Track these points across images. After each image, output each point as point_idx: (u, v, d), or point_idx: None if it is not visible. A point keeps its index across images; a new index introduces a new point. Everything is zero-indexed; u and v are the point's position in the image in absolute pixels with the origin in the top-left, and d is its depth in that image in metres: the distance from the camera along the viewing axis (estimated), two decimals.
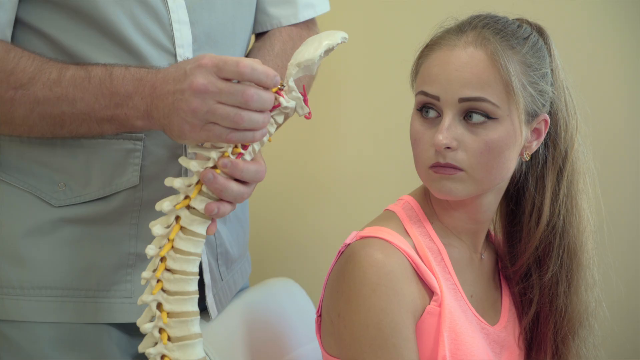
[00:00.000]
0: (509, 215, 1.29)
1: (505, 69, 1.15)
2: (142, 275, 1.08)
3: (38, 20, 1.18)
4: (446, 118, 1.15)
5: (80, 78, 1.13)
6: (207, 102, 1.05)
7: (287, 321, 1.45)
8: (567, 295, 1.26)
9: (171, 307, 1.07)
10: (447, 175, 1.16)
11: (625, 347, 1.63)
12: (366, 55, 1.88)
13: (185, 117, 1.06)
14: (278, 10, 1.39)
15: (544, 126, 1.21)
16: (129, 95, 1.11)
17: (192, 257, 1.08)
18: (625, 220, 1.70)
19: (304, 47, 1.11)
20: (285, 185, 1.98)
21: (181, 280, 1.07)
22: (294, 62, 1.10)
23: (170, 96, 1.08)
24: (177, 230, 1.07)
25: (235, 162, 1.07)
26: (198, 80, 1.05)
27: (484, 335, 1.23)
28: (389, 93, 1.43)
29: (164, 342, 1.07)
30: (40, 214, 1.22)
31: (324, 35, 1.12)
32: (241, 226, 1.44)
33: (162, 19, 1.21)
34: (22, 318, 1.21)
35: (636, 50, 1.69)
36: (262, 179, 1.11)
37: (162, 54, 1.21)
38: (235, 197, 1.09)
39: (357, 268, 1.14)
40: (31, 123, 1.15)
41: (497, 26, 1.19)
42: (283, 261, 1.99)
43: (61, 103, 1.13)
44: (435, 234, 1.22)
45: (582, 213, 1.25)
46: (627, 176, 1.72)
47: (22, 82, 1.13)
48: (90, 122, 1.14)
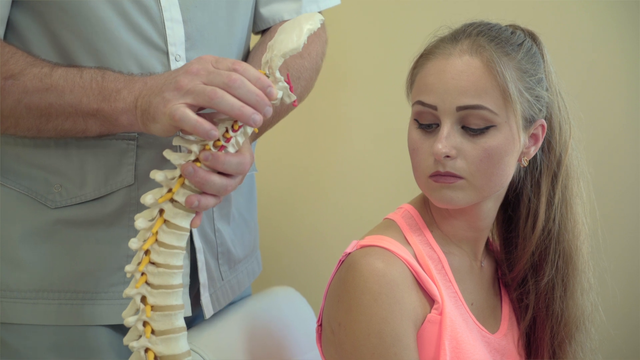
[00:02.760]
0: (505, 222, 1.29)
1: (502, 76, 1.14)
2: (126, 269, 1.08)
3: (29, 18, 1.19)
4: (444, 127, 1.15)
5: (72, 74, 1.14)
6: (193, 81, 1.06)
7: (288, 330, 1.45)
8: (563, 299, 1.25)
9: (155, 301, 1.07)
10: (447, 184, 1.15)
11: (622, 351, 1.61)
12: (369, 58, 1.88)
13: (167, 95, 1.06)
14: (281, 5, 1.39)
15: (541, 131, 1.21)
16: (117, 90, 1.12)
17: (175, 250, 1.08)
18: (620, 223, 1.70)
19: (285, 36, 1.10)
20: (285, 189, 1.98)
21: (165, 273, 1.07)
22: (278, 54, 1.09)
23: (162, 82, 1.09)
24: (160, 224, 1.08)
25: (216, 154, 1.07)
26: (193, 65, 1.07)
27: (485, 344, 1.23)
28: (391, 97, 1.43)
29: (146, 336, 1.07)
30: (37, 216, 1.22)
31: (302, 20, 1.11)
32: (247, 226, 1.44)
33: (154, 17, 1.21)
34: (19, 321, 1.22)
35: (636, 50, 1.68)
36: (245, 172, 1.11)
37: (153, 52, 1.22)
38: (218, 190, 1.09)
39: (358, 277, 1.13)
40: (18, 115, 1.15)
41: (491, 33, 1.18)
42: (283, 267, 1.99)
43: (49, 94, 1.13)
44: (436, 242, 1.22)
45: (577, 217, 1.25)
46: (625, 179, 1.72)
47: (13, 72, 1.14)
48: (76, 117, 1.14)
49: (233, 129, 1.08)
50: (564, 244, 1.25)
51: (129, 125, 1.13)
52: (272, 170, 1.72)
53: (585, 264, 1.26)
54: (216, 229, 1.34)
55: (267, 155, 1.20)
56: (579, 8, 1.71)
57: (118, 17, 1.18)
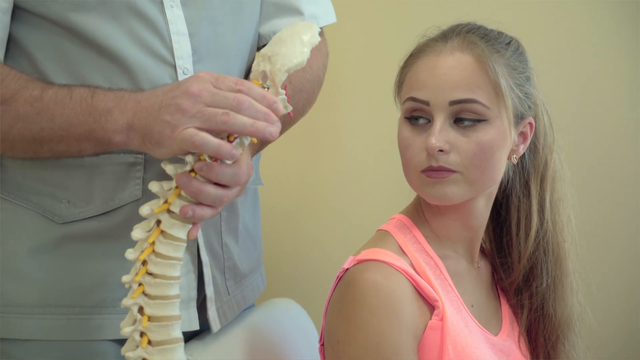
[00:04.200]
0: (497, 227, 1.29)
1: (494, 71, 1.16)
2: (123, 279, 1.08)
3: (35, 37, 1.20)
4: (437, 122, 1.15)
5: (61, 95, 1.13)
6: (197, 105, 1.06)
7: (289, 343, 1.45)
8: (555, 300, 1.26)
9: (152, 311, 1.07)
10: (440, 179, 1.15)
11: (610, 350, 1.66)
12: (366, 67, 1.89)
13: (171, 119, 1.06)
14: (282, 20, 1.39)
15: (530, 130, 1.22)
16: (108, 110, 1.11)
17: (173, 261, 1.09)
18: (621, 224, 1.73)
19: (287, 49, 1.10)
20: (287, 202, 1.98)
21: (162, 284, 1.08)
22: (282, 68, 1.09)
23: (158, 103, 1.08)
24: (157, 234, 1.08)
25: (211, 164, 1.07)
26: (193, 86, 1.07)
27: (489, 346, 1.22)
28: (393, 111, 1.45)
29: (143, 346, 1.07)
30: (44, 231, 1.22)
31: (300, 31, 1.11)
32: (252, 241, 1.44)
33: (160, 31, 1.22)
34: (26, 336, 1.22)
35: (637, 51, 1.68)
36: (241, 182, 1.11)
37: (161, 66, 1.22)
38: (213, 200, 1.09)
39: (357, 292, 1.13)
40: (12, 140, 1.15)
41: (480, 32, 1.20)
42: (284, 279, 1.98)
43: (40, 119, 1.12)
44: (431, 248, 1.21)
45: (565, 220, 1.26)
46: (626, 180, 1.73)
47: (5, 97, 1.13)
48: (69, 140, 1.13)
49: (228, 140, 1.08)
50: (555, 247, 1.26)
51: (123, 144, 1.12)
52: (273, 183, 1.74)
53: (573, 265, 1.28)
54: (224, 243, 1.34)
55: (269, 169, 1.21)
56: (579, 9, 1.72)
57: (124, 34, 1.19)
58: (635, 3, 1.66)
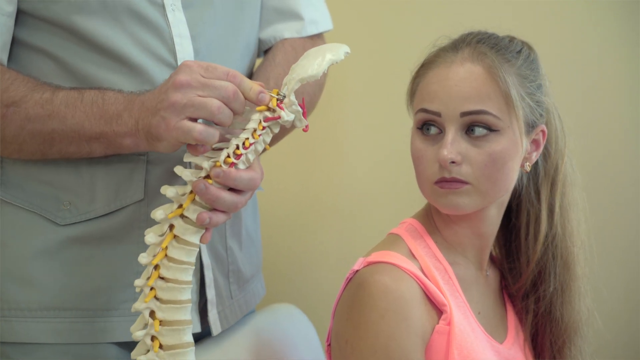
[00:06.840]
0: (506, 232, 1.30)
1: (504, 81, 1.16)
2: (135, 283, 1.08)
3: (39, 40, 1.20)
4: (449, 133, 1.16)
5: (72, 98, 1.15)
6: (187, 95, 1.07)
7: (290, 348, 1.45)
8: (562, 305, 1.27)
9: (164, 315, 1.08)
10: (453, 189, 1.16)
11: (618, 355, 1.65)
12: (370, 74, 1.89)
13: (164, 114, 1.08)
14: (283, 24, 1.40)
15: (542, 137, 1.23)
16: (118, 113, 1.13)
17: (185, 265, 1.09)
18: (621, 225, 1.73)
19: (307, 61, 1.11)
20: (287, 207, 1.98)
21: (174, 288, 1.08)
22: (296, 77, 1.10)
23: (155, 100, 1.10)
24: (170, 239, 1.08)
25: (228, 171, 1.08)
26: (180, 77, 1.08)
27: (495, 353, 1.22)
28: (394, 118, 1.45)
29: (155, 350, 1.07)
30: (47, 233, 1.22)
31: (327, 49, 1.12)
32: (254, 246, 1.44)
33: (162, 34, 1.22)
34: (30, 340, 1.21)
35: (637, 52, 1.69)
36: (256, 187, 1.12)
37: (164, 68, 1.22)
38: (228, 207, 1.09)
39: (367, 295, 1.13)
40: (21, 141, 1.16)
41: (490, 41, 1.20)
42: (285, 284, 1.98)
43: (52, 120, 1.14)
44: (441, 253, 1.22)
45: (574, 224, 1.27)
46: (628, 181, 1.73)
47: (14, 99, 1.14)
48: (80, 141, 1.15)
49: (244, 146, 1.09)
50: (564, 251, 1.26)
51: (134, 147, 1.14)
52: (274, 188, 1.73)
53: (582, 270, 1.28)
54: (228, 247, 1.34)
55: (268, 174, 1.22)
56: (579, 9, 1.73)
57: (126, 37, 1.19)
58: (635, 3, 1.67)
